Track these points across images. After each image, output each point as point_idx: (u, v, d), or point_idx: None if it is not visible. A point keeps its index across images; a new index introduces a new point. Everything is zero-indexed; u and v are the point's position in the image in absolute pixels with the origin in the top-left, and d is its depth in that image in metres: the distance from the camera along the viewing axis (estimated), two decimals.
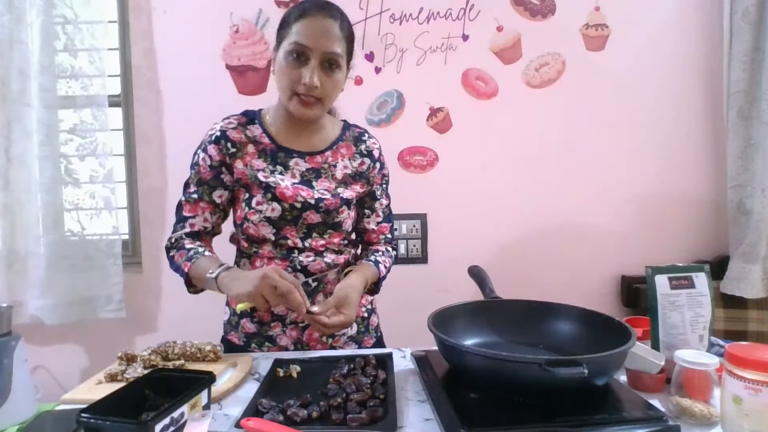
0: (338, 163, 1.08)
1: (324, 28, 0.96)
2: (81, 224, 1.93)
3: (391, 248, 1.19)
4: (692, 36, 1.94)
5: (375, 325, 1.19)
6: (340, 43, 0.98)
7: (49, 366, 1.94)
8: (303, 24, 0.96)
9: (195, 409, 0.67)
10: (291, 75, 0.97)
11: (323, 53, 0.96)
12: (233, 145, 1.03)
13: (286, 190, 1.01)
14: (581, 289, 1.97)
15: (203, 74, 1.94)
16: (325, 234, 1.06)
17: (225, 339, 1.14)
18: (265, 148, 1.05)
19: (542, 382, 0.65)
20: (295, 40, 0.95)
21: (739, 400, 0.64)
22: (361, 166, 1.10)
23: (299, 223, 1.03)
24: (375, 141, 1.15)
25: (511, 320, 0.93)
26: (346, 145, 1.10)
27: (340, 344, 1.11)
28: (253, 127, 1.06)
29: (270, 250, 1.04)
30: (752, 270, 1.78)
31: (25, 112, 1.83)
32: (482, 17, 1.93)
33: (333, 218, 1.05)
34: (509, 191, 1.98)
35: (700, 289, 0.86)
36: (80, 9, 1.87)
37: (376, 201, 1.15)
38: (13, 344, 0.78)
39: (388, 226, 1.19)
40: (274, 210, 1.01)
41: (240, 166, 1.03)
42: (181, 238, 1.05)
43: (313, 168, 1.06)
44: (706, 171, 1.98)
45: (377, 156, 1.13)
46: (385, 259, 1.14)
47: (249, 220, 1.02)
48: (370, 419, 0.68)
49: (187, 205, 1.05)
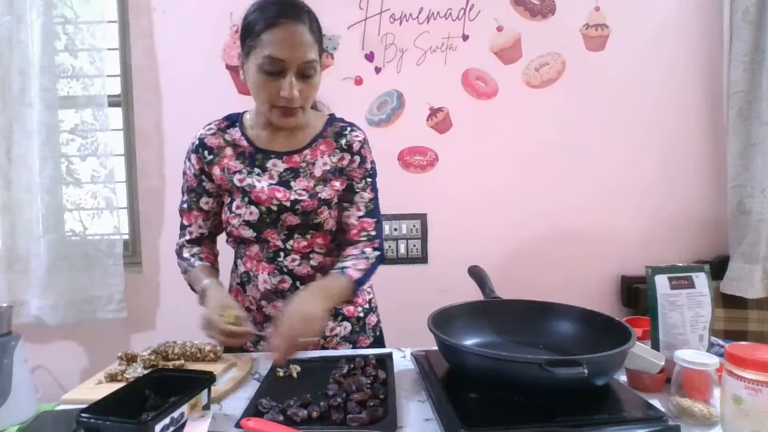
0: (317, 160, 1.05)
1: (295, 36, 0.93)
2: (83, 224, 1.93)
3: (372, 248, 1.06)
4: (692, 36, 1.94)
5: (373, 324, 1.17)
6: (313, 48, 0.95)
7: (49, 366, 1.93)
8: (273, 35, 0.92)
9: (195, 409, 0.67)
10: (268, 89, 0.95)
11: (299, 65, 0.94)
12: (210, 152, 1.06)
13: (261, 193, 1.01)
14: (581, 289, 1.97)
15: (203, 74, 1.94)
16: (306, 235, 1.04)
17: None
18: (243, 151, 1.06)
19: (542, 382, 0.65)
20: (269, 54, 0.92)
21: (739, 400, 0.64)
22: (341, 162, 1.06)
23: (278, 225, 1.03)
24: (358, 134, 1.09)
25: (511, 320, 0.93)
26: (325, 142, 1.07)
27: (332, 345, 1.10)
28: (232, 130, 1.07)
29: (257, 252, 1.06)
30: (752, 270, 1.78)
31: (26, 112, 1.83)
32: (482, 17, 1.93)
33: (312, 219, 1.03)
34: (509, 191, 1.98)
35: (700, 289, 0.86)
36: (80, 9, 1.87)
37: (356, 194, 1.08)
38: (13, 344, 0.78)
39: (371, 222, 1.08)
40: (252, 213, 1.02)
41: (218, 172, 1.05)
42: (183, 246, 1.11)
43: (291, 168, 1.04)
44: (706, 171, 1.98)
45: (357, 149, 1.07)
46: (356, 262, 1.03)
47: (231, 224, 1.04)
48: (370, 419, 0.68)
49: (184, 214, 1.11)
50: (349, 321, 1.12)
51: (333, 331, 1.10)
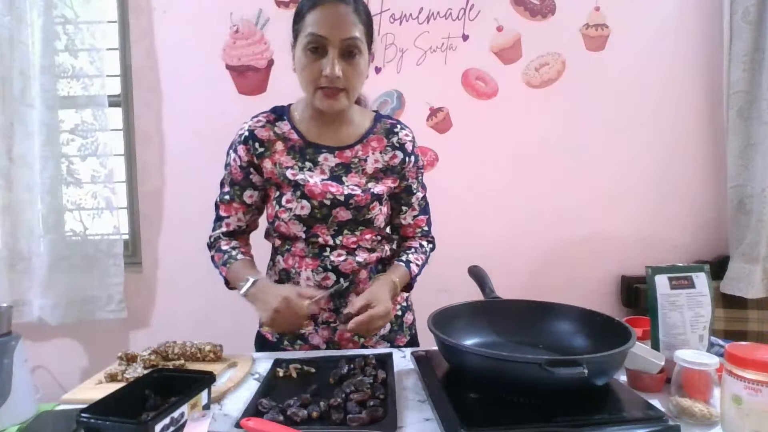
0: (368, 157, 1.05)
1: (339, 14, 0.93)
2: (83, 224, 1.93)
3: (426, 242, 1.16)
4: (692, 36, 1.94)
5: (410, 323, 1.17)
6: (357, 28, 0.95)
7: (49, 366, 1.93)
8: (316, 14, 0.93)
9: (195, 409, 0.67)
10: (311, 69, 0.95)
11: (341, 41, 0.93)
12: (261, 145, 1.04)
13: (314, 187, 1.00)
14: (581, 289, 1.97)
15: (203, 74, 1.94)
16: (356, 231, 1.04)
17: (259, 333, 1.15)
18: (294, 145, 1.04)
19: (542, 382, 0.65)
20: (311, 32, 0.93)
21: (739, 400, 0.64)
22: (393, 160, 1.07)
23: (329, 220, 1.02)
24: (408, 132, 1.11)
25: (511, 320, 0.93)
26: (377, 138, 1.07)
27: (372, 344, 1.09)
28: (281, 123, 1.06)
29: (302, 248, 1.04)
30: (752, 270, 1.78)
31: (26, 112, 1.83)
32: (482, 17, 1.93)
33: (364, 215, 1.03)
34: (509, 191, 1.98)
35: (700, 289, 0.86)
36: (80, 9, 1.87)
37: (413, 195, 1.12)
38: (13, 344, 0.78)
39: (424, 219, 1.15)
40: (303, 208, 1.01)
41: (269, 166, 1.03)
42: (219, 238, 1.09)
43: (342, 163, 1.04)
44: (706, 171, 1.98)
45: (410, 149, 1.09)
46: (417, 257, 1.11)
47: (279, 218, 1.02)
48: (370, 419, 0.68)
49: (222, 205, 1.09)
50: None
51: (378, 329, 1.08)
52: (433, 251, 1.18)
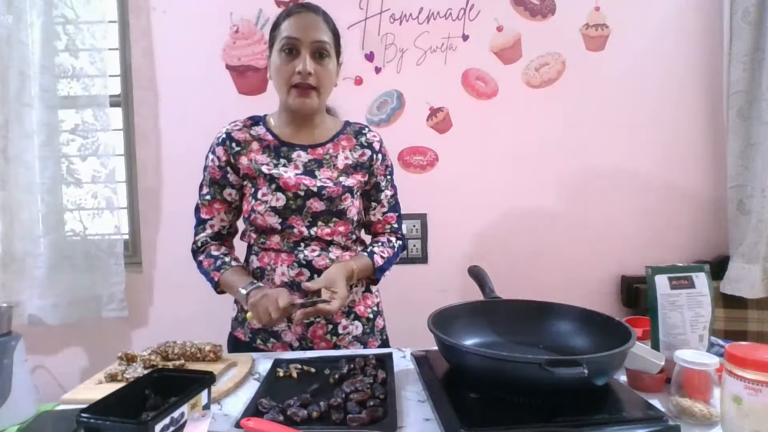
0: (339, 154, 1.12)
1: (310, 20, 1.05)
2: (83, 224, 1.93)
3: (395, 238, 1.21)
4: (692, 36, 1.94)
5: (381, 327, 1.20)
6: (326, 34, 1.06)
7: (49, 366, 1.94)
8: (290, 21, 1.05)
9: (195, 409, 0.67)
10: (286, 68, 1.04)
11: (312, 43, 1.03)
12: (237, 144, 1.10)
13: (289, 180, 1.06)
14: (581, 289, 1.97)
15: (203, 74, 1.94)
16: (330, 222, 1.08)
17: (231, 335, 1.17)
18: (269, 144, 1.11)
19: (542, 382, 0.65)
20: (285, 35, 1.04)
21: (739, 400, 0.64)
22: (362, 157, 1.14)
23: (304, 211, 1.06)
24: (375, 134, 1.19)
25: (511, 320, 0.93)
26: (346, 138, 1.15)
27: (345, 343, 1.11)
28: (257, 128, 1.13)
29: (277, 241, 1.07)
30: (752, 270, 1.78)
31: (26, 112, 1.83)
32: (482, 17, 1.93)
33: (337, 206, 1.08)
34: (509, 191, 1.98)
35: (700, 289, 0.86)
36: (80, 9, 1.87)
37: (381, 192, 1.18)
38: (13, 344, 0.78)
39: (394, 216, 1.21)
40: (278, 200, 1.06)
41: (245, 162, 1.09)
42: (207, 243, 1.13)
43: (315, 159, 1.10)
44: (706, 171, 1.98)
45: (378, 148, 1.16)
46: (383, 250, 1.15)
47: (256, 211, 1.06)
48: (370, 419, 0.68)
49: (203, 208, 1.13)
50: (361, 321, 1.14)
51: (346, 329, 1.11)
52: (403, 249, 1.22)
